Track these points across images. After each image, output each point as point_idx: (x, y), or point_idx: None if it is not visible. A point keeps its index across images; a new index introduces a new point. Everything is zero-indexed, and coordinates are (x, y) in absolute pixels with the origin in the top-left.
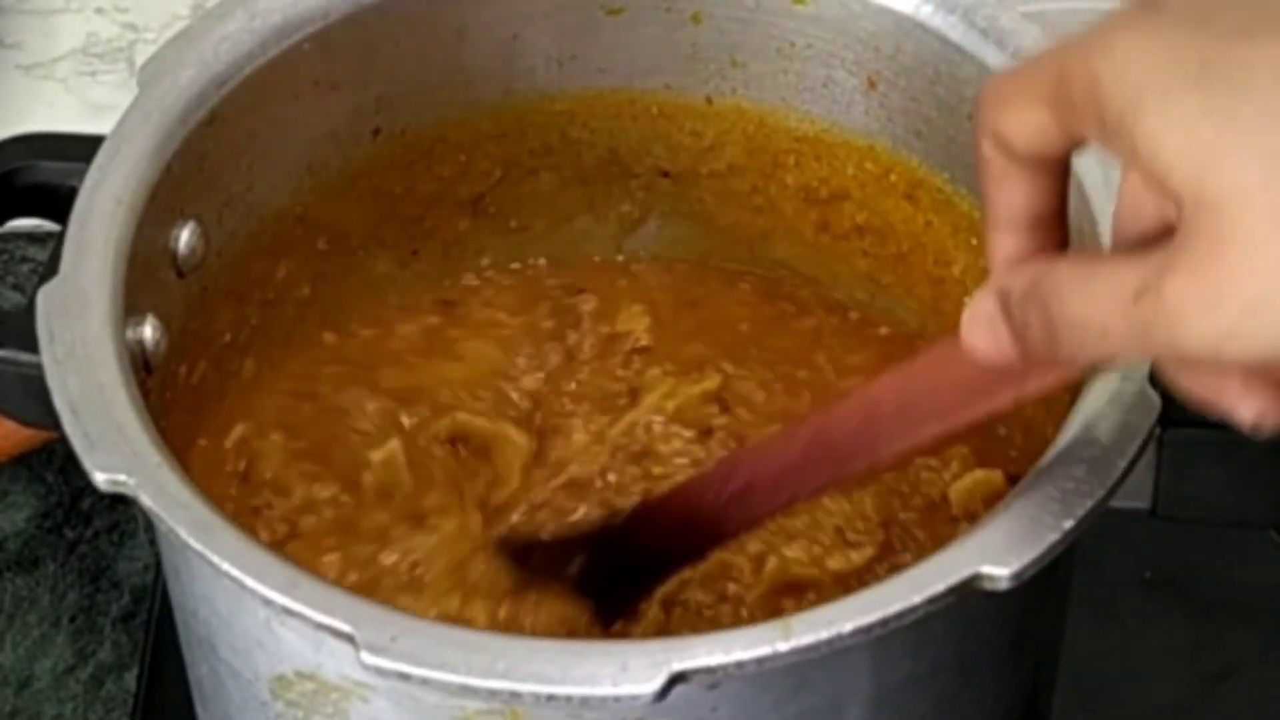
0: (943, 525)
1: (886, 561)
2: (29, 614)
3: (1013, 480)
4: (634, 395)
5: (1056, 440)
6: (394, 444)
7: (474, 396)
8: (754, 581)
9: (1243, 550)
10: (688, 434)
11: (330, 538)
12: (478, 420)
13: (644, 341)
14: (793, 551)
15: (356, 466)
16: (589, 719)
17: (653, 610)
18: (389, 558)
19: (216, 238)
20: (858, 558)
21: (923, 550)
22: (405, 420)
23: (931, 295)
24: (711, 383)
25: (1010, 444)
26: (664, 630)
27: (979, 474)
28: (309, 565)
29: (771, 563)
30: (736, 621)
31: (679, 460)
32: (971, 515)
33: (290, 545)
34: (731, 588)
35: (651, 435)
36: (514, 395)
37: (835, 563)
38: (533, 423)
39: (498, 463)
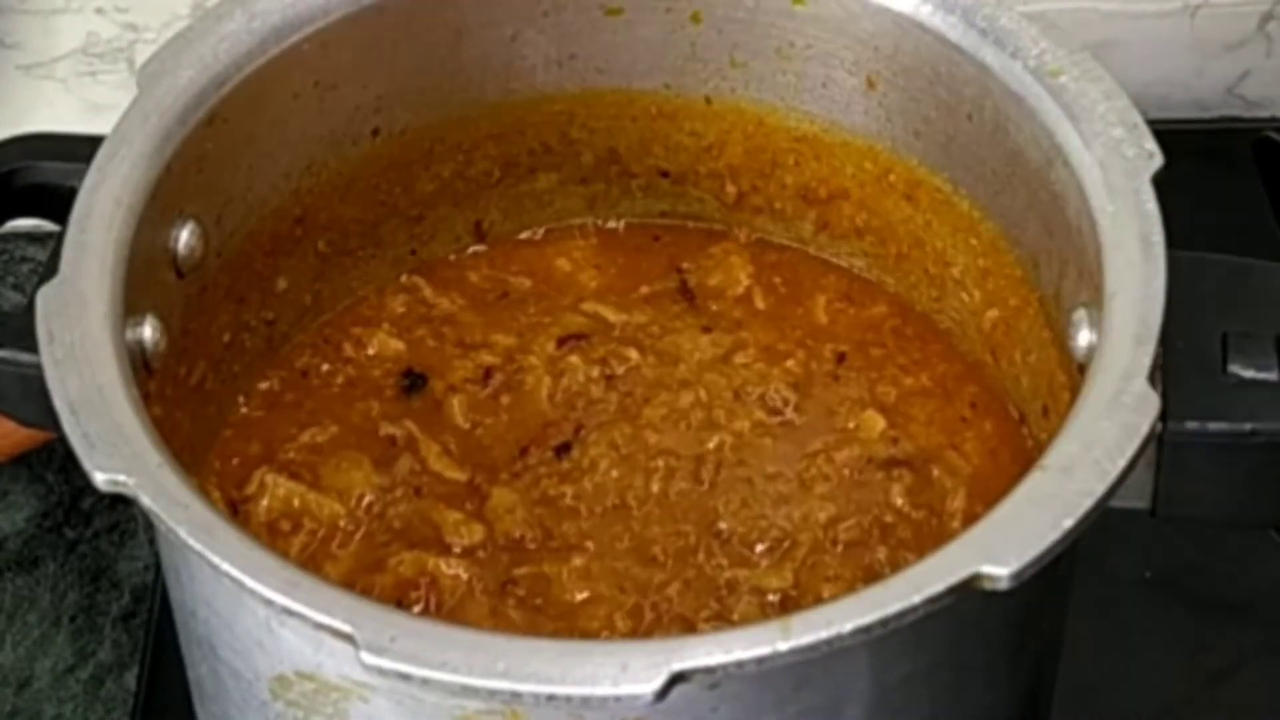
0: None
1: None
2: (29, 614)
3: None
4: None
5: (1056, 440)
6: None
7: None
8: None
9: (1243, 550)
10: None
11: None
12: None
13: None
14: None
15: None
16: (589, 719)
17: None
18: None
19: (216, 238)
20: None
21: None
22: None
23: (931, 296)
24: None
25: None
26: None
27: None
28: None
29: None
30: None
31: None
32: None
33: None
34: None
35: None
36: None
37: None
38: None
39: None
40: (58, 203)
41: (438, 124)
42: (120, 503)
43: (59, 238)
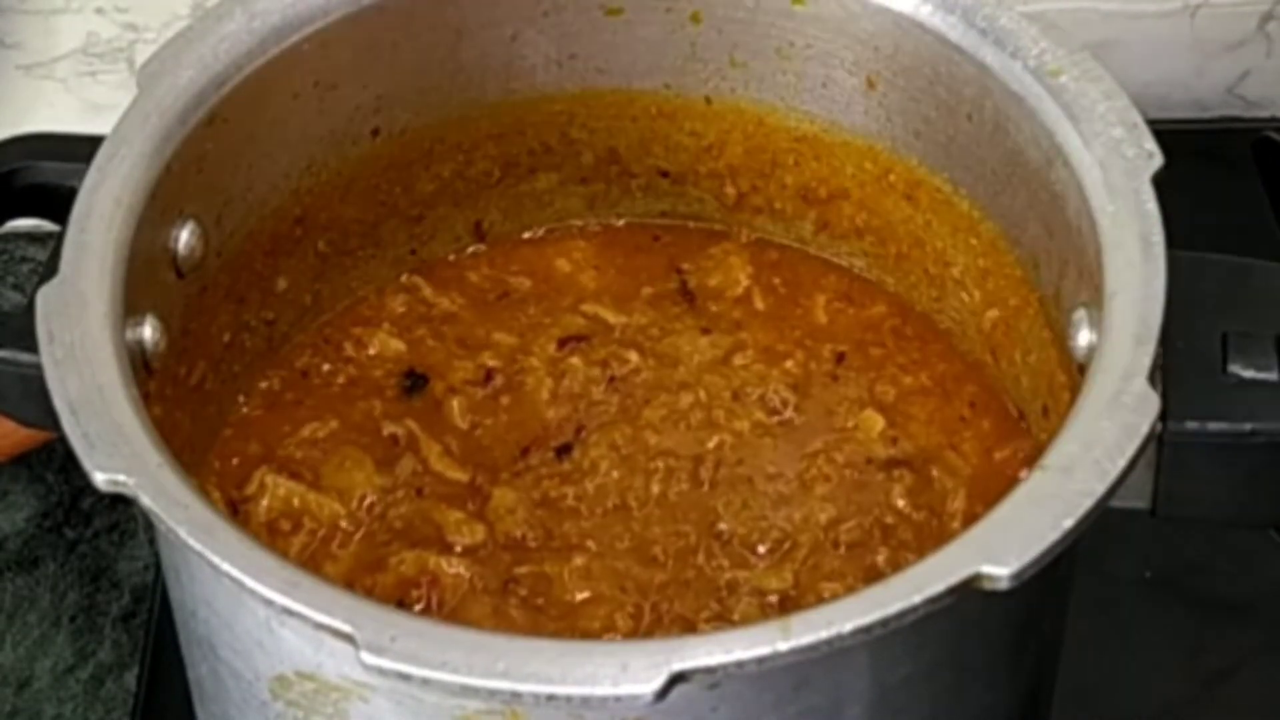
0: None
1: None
2: (29, 614)
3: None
4: None
5: (1056, 440)
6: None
7: None
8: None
9: (1243, 550)
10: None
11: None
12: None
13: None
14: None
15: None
16: (589, 719)
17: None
18: None
19: (216, 238)
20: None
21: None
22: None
23: (931, 296)
24: None
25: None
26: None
27: None
28: None
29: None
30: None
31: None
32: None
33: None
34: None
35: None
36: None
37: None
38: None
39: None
40: (58, 203)
41: (438, 124)
42: (120, 503)
43: (59, 238)
